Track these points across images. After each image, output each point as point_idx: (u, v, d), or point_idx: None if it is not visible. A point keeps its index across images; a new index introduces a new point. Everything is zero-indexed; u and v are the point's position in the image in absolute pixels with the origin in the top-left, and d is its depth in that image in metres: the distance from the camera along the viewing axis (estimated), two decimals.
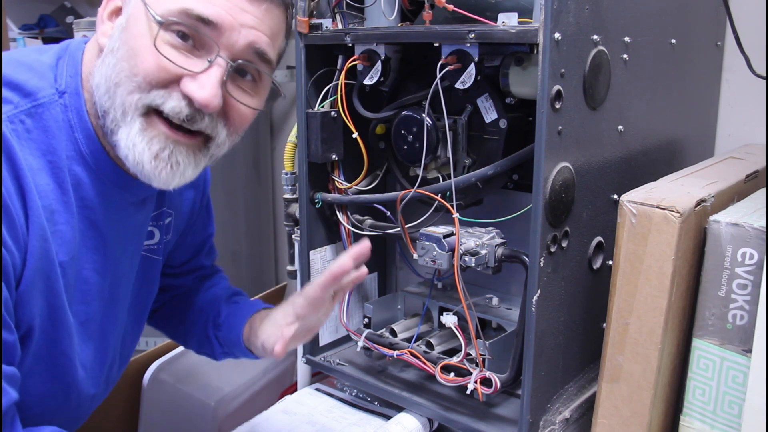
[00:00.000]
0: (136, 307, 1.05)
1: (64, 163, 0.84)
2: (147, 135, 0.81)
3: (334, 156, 1.18)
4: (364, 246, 0.90)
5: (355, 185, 1.21)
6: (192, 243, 1.17)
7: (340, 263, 0.89)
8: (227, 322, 1.10)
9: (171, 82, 0.80)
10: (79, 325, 0.91)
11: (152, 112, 0.81)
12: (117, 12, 0.85)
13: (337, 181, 1.21)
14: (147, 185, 0.91)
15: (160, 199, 1.02)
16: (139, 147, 0.81)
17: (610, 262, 0.97)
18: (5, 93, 0.81)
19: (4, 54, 0.89)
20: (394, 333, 1.22)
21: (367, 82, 1.11)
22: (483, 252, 1.02)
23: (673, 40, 1.13)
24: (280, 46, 0.90)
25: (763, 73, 1.15)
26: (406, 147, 1.09)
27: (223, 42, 0.81)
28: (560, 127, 0.90)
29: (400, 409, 1.16)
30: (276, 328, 1.01)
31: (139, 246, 1.00)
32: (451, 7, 0.98)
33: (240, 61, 0.83)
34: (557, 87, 0.88)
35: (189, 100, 0.80)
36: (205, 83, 0.80)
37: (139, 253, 1.01)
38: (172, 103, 0.80)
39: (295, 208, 1.27)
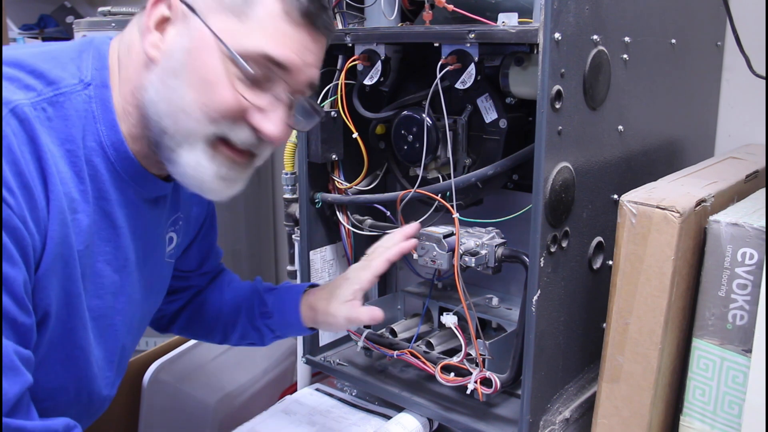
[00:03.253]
0: (145, 309, 1.06)
1: (82, 152, 0.84)
2: (216, 160, 0.85)
3: (334, 156, 1.18)
4: (415, 226, 1.08)
5: (355, 185, 1.21)
6: (201, 250, 1.19)
7: (407, 240, 1.07)
8: (277, 309, 1.14)
9: (239, 116, 0.84)
10: (92, 320, 0.91)
11: (217, 139, 0.85)
12: (165, 21, 0.84)
13: (337, 181, 1.21)
14: (161, 183, 0.93)
15: (175, 204, 1.03)
16: (208, 169, 0.85)
17: (610, 262, 0.97)
18: (30, 80, 0.82)
19: (28, 46, 0.91)
20: (394, 333, 1.22)
21: (367, 82, 1.11)
22: (483, 252, 1.02)
23: (673, 40, 1.13)
24: None
25: (763, 73, 1.15)
26: (406, 147, 1.09)
27: (290, 80, 0.84)
28: (560, 127, 0.90)
29: (400, 409, 1.16)
30: (346, 306, 1.08)
31: (155, 247, 1.01)
32: (451, 7, 0.98)
33: (301, 97, 0.87)
34: (557, 87, 0.88)
35: (255, 131, 0.84)
36: (275, 119, 0.84)
37: (155, 254, 1.01)
38: (242, 135, 0.84)
39: (295, 208, 1.27)
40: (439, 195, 1.05)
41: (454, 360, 1.08)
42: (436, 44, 1.00)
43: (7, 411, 0.73)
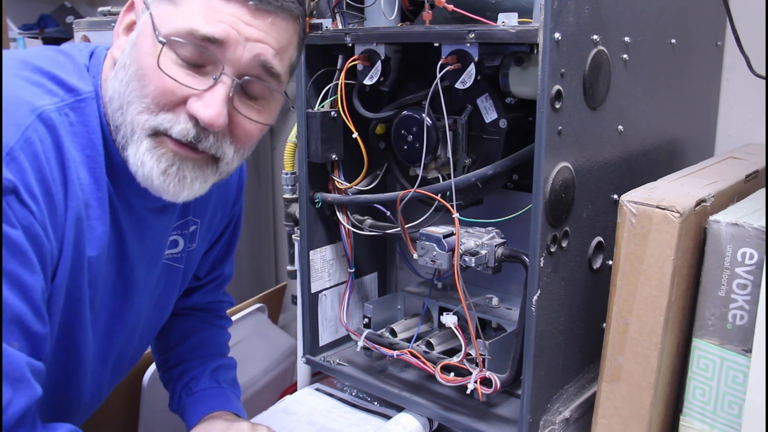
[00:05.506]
0: (154, 313, 1.06)
1: (102, 158, 0.85)
2: (156, 153, 0.81)
3: (334, 156, 1.18)
4: None
5: (355, 185, 1.21)
6: (218, 256, 1.19)
7: None
8: (197, 401, 1.11)
9: (178, 103, 0.80)
10: (92, 322, 0.91)
11: (160, 133, 0.82)
12: (132, 26, 0.85)
13: (337, 181, 1.21)
14: None
15: (185, 209, 1.02)
16: (148, 165, 0.81)
17: (610, 262, 0.97)
18: (51, 86, 0.82)
19: (40, 48, 0.91)
20: (394, 333, 1.22)
21: (367, 82, 1.11)
22: (483, 252, 1.02)
23: (673, 40, 1.13)
24: (291, 59, 0.87)
25: (763, 73, 1.15)
26: (406, 147, 1.09)
27: (228, 57, 0.79)
28: (560, 127, 0.90)
29: (400, 409, 1.16)
30: None
31: (158, 253, 1.01)
32: (451, 7, 0.98)
33: (246, 77, 0.81)
34: (557, 87, 0.88)
35: (195, 120, 0.80)
36: (209, 102, 0.79)
37: (157, 260, 1.01)
38: (180, 127, 0.80)
39: (295, 208, 1.27)
40: (439, 195, 1.05)
41: (454, 360, 1.08)
42: (436, 44, 1.00)
43: (13, 423, 0.73)
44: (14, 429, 0.74)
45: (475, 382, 1.04)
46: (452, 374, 1.09)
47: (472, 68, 0.98)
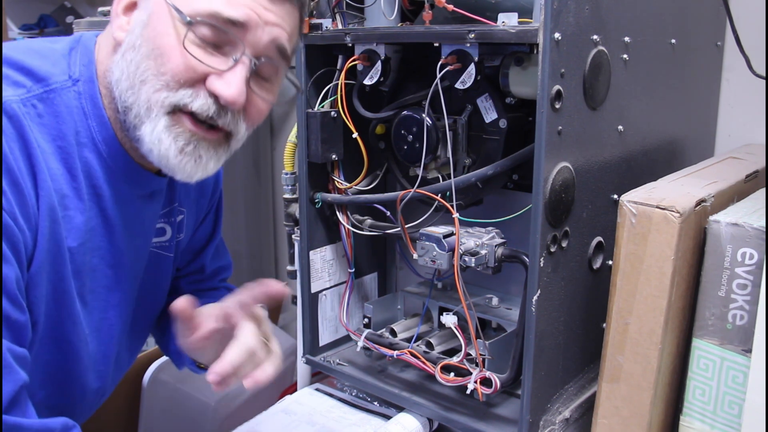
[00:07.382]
0: (145, 303, 1.06)
1: (74, 149, 0.85)
2: (173, 131, 0.83)
3: (334, 156, 1.18)
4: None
5: (355, 185, 1.21)
6: (196, 243, 1.18)
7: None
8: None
9: (197, 80, 0.82)
10: (87, 315, 0.91)
11: (178, 110, 0.83)
12: (132, 6, 0.86)
13: (337, 181, 1.21)
14: (156, 178, 0.93)
15: (170, 196, 1.03)
16: (166, 142, 0.83)
17: (610, 262, 0.97)
18: (18, 77, 0.82)
19: (17, 43, 0.91)
20: (394, 333, 1.22)
21: (367, 82, 1.11)
22: (483, 252, 1.02)
23: (673, 40, 1.13)
24: (295, 44, 0.92)
25: (763, 73, 1.15)
26: (406, 147, 1.09)
27: (248, 39, 0.82)
28: (560, 127, 0.90)
29: (400, 409, 1.17)
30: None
31: (147, 241, 1.01)
32: (451, 7, 0.98)
33: (263, 59, 0.85)
34: (557, 87, 0.88)
35: (215, 98, 0.82)
36: (231, 81, 0.82)
37: (144, 248, 1.01)
38: (200, 102, 0.82)
39: (295, 208, 1.27)
40: (439, 195, 1.05)
41: (454, 360, 1.08)
42: (436, 44, 1.00)
43: (3, 409, 0.74)
44: (6, 414, 0.74)
45: (475, 382, 1.04)
46: (452, 374, 1.09)
47: (472, 68, 0.98)
